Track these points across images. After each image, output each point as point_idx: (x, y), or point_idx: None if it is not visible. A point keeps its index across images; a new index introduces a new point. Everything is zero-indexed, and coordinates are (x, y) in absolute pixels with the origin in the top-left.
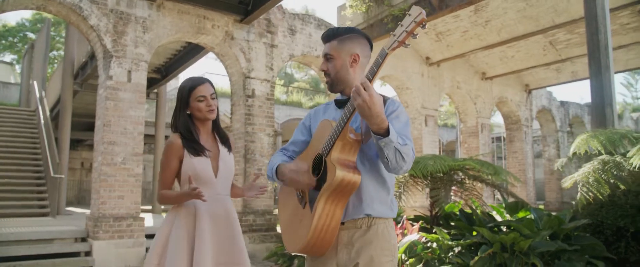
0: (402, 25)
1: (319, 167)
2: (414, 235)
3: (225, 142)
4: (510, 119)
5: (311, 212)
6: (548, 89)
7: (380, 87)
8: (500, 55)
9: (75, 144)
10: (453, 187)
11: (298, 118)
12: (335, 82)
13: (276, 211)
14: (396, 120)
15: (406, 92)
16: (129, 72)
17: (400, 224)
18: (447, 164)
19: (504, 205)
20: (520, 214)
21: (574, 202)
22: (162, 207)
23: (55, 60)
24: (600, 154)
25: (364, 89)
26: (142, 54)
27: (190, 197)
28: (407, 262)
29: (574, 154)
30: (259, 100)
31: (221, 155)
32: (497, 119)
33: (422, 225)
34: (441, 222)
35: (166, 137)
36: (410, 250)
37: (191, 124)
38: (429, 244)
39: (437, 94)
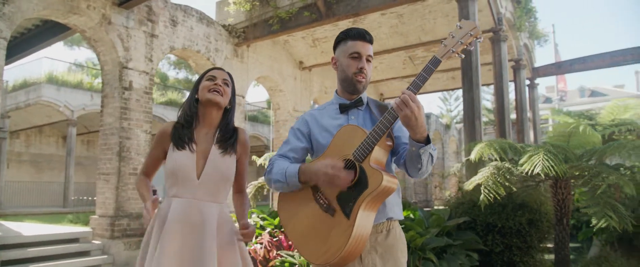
0: (453, 36)
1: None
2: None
3: (226, 140)
4: None
5: (347, 219)
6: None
7: (254, 88)
8: None
9: None
10: None
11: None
12: (366, 85)
13: None
14: None
15: (279, 94)
16: None
17: None
18: None
19: None
20: (405, 213)
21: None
22: None
23: None
24: (491, 160)
25: (412, 101)
26: (1, 29)
27: (144, 202)
28: None
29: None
30: (137, 93)
31: (211, 155)
32: None
33: None
34: None
35: None
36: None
37: (194, 111)
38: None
39: (307, 98)
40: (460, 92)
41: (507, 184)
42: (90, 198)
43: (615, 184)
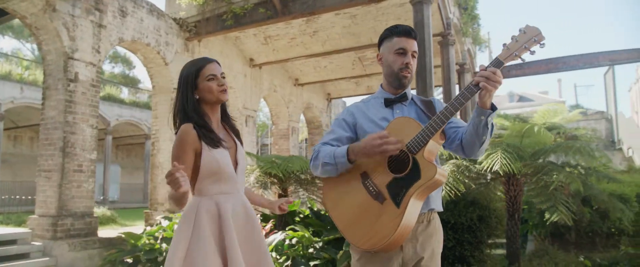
0: (517, 41)
1: (399, 163)
2: (278, 234)
3: (238, 135)
4: (313, 124)
5: (397, 208)
6: (343, 99)
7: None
8: (315, 64)
9: None
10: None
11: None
12: (410, 80)
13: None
14: None
15: (230, 92)
16: None
17: None
18: (307, 164)
19: None
20: None
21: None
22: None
23: None
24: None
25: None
26: None
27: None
28: (279, 261)
29: None
30: (83, 86)
31: (238, 147)
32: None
33: (274, 224)
34: (288, 220)
35: None
36: (277, 249)
37: (202, 110)
38: (294, 242)
39: (257, 95)
40: None
41: (466, 181)
42: (21, 197)
43: (565, 182)
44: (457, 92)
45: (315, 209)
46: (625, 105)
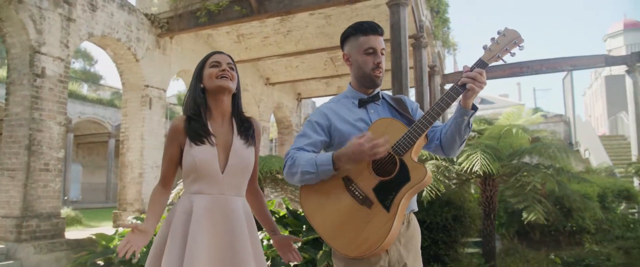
0: (498, 43)
1: (382, 165)
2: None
3: (245, 130)
4: (282, 124)
5: (386, 211)
6: (313, 99)
7: (176, 81)
8: (286, 64)
9: None
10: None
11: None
12: (382, 79)
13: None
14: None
15: None
16: None
17: None
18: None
19: None
20: None
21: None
22: None
23: None
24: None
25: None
26: None
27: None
28: None
29: None
30: (51, 81)
31: (234, 146)
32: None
33: None
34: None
35: None
36: None
37: (202, 101)
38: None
39: None
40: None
41: (446, 181)
42: None
43: (541, 182)
44: (428, 93)
45: (291, 208)
46: (579, 109)
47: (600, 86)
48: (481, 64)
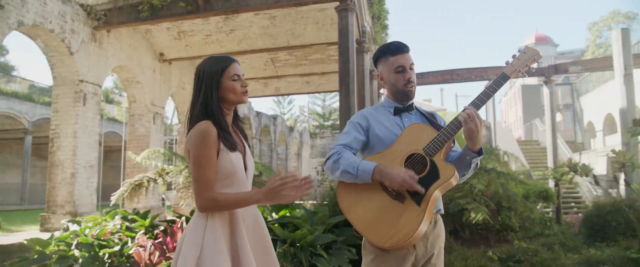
0: (518, 59)
1: (414, 166)
2: None
3: (245, 137)
4: None
5: (417, 206)
6: (250, 99)
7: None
8: None
9: None
10: None
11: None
12: (415, 91)
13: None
14: None
15: (136, 87)
16: None
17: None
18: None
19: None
20: (282, 213)
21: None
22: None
23: None
24: None
25: (476, 117)
26: None
27: (274, 197)
28: None
29: None
30: None
31: (247, 151)
32: None
33: None
34: None
35: None
36: None
37: (221, 108)
38: None
39: (166, 92)
40: (291, 98)
41: None
42: None
43: (488, 185)
44: (368, 97)
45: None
46: (496, 114)
47: (516, 94)
48: (504, 77)
